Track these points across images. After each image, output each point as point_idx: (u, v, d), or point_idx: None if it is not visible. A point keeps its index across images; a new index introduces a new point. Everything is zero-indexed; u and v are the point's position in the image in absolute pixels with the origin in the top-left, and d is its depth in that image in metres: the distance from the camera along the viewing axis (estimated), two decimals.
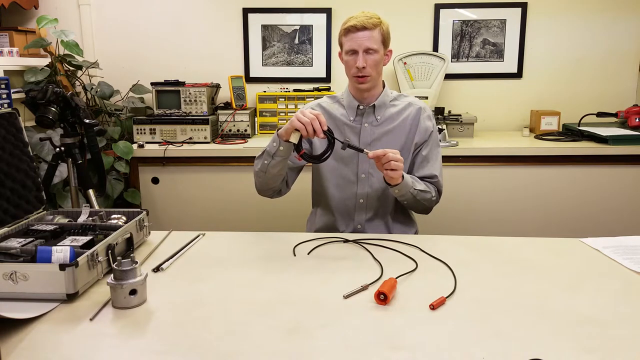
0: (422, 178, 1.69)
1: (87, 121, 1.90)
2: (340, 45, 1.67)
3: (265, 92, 2.90)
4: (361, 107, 1.68)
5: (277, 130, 1.53)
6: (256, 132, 2.91)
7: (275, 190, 1.67)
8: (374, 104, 1.68)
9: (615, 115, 2.85)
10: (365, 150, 1.48)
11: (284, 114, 2.87)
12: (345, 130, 1.70)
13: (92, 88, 2.70)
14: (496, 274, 1.25)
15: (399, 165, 1.47)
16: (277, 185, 1.65)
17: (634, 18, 2.97)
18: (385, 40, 1.63)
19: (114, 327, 1.00)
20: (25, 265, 1.09)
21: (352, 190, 1.71)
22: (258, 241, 1.49)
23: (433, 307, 1.07)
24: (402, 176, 1.54)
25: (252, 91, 2.97)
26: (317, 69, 3.05)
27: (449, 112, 2.87)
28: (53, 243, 1.26)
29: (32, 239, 1.29)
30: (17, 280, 1.08)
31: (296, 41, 3.03)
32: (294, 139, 1.44)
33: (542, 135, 2.76)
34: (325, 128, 1.43)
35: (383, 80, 1.72)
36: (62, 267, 1.07)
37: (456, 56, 3.03)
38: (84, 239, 1.27)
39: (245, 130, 2.75)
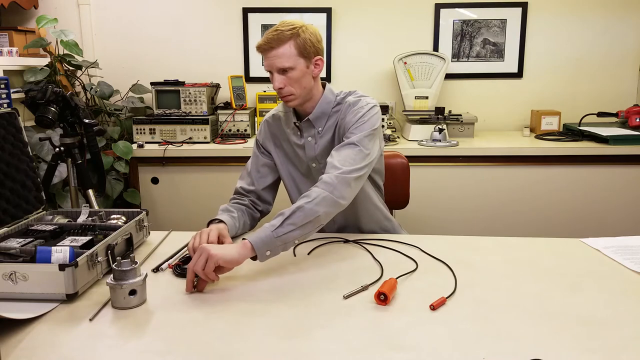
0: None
1: (87, 121, 1.89)
2: None
3: (265, 92, 2.89)
4: (297, 123, 1.53)
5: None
6: (256, 132, 2.90)
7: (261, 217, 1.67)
8: (309, 118, 1.51)
9: (615, 115, 2.84)
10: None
11: None
12: (293, 146, 1.57)
13: (91, 88, 2.70)
14: (496, 274, 1.25)
15: (207, 277, 1.15)
16: (256, 220, 1.66)
17: (634, 18, 2.97)
18: (304, 52, 1.42)
19: (113, 327, 1.00)
20: (24, 266, 1.09)
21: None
22: None
23: (433, 307, 1.06)
24: (253, 248, 1.20)
25: (252, 91, 2.97)
26: None
27: (449, 112, 2.87)
28: (53, 243, 1.26)
29: (31, 239, 1.29)
30: (17, 280, 1.07)
31: None
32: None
33: (542, 135, 2.76)
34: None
35: (325, 84, 1.54)
36: (62, 267, 1.07)
37: (456, 56, 3.03)
38: (83, 239, 1.27)
39: (245, 130, 2.75)
